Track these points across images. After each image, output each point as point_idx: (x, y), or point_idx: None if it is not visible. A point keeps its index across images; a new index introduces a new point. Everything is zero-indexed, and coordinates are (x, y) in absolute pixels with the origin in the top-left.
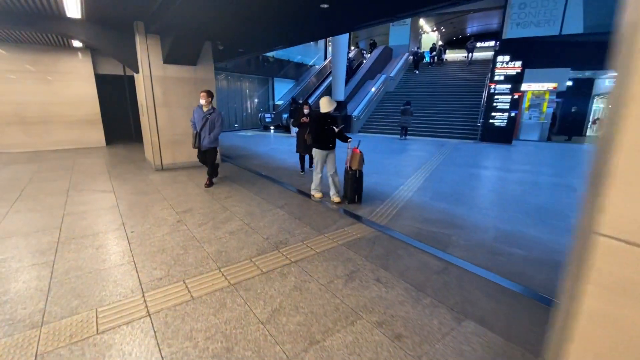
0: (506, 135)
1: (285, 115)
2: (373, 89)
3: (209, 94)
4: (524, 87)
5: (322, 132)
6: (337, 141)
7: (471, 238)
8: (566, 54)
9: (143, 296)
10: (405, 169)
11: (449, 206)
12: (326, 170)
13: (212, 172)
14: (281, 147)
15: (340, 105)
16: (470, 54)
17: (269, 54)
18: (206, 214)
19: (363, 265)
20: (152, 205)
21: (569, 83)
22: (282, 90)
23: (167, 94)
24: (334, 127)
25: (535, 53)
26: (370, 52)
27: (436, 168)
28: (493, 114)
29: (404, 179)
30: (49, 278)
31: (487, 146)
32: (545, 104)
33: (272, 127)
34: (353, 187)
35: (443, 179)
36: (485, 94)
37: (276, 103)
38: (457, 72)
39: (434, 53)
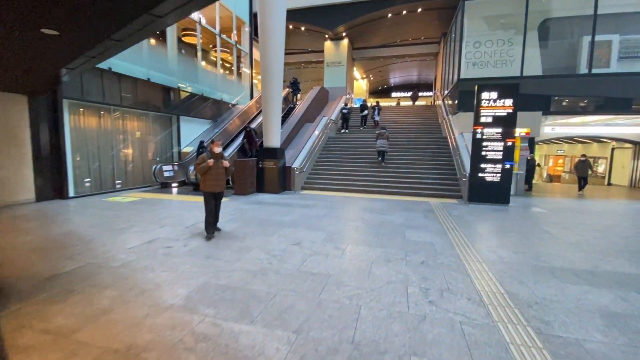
0: (502, 193)
1: (192, 168)
2: (316, 132)
3: None
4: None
5: None
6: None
7: None
8: (533, 97)
9: None
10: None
11: None
12: None
13: None
14: (177, 233)
15: (276, 154)
16: (413, 103)
17: (170, 84)
18: None
19: None
20: None
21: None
22: (194, 132)
23: None
24: None
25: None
26: (292, 91)
27: (532, 294)
28: (482, 165)
29: None
30: None
31: (488, 209)
32: (518, 152)
33: (175, 185)
34: None
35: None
36: (452, 138)
37: (183, 150)
38: (400, 116)
39: (366, 112)
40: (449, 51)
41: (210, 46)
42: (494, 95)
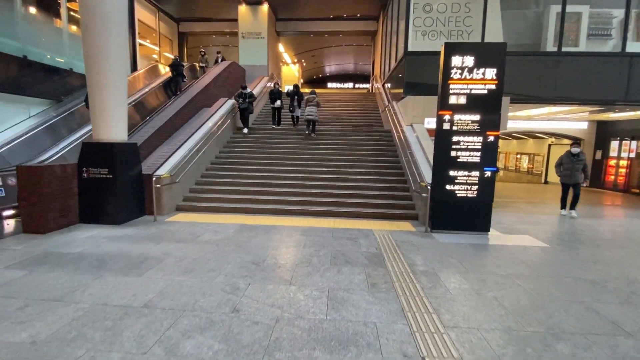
0: (480, 214)
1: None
2: (212, 121)
3: None
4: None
5: None
6: None
7: None
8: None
9: None
10: None
11: None
12: None
13: None
14: None
15: (113, 155)
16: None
17: None
18: None
19: None
20: None
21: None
22: (7, 119)
23: None
24: None
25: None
26: (175, 75)
27: None
28: (451, 173)
29: None
30: None
31: (466, 248)
32: None
33: (8, 214)
34: None
35: None
36: (400, 133)
37: None
38: (331, 105)
39: (279, 103)
40: (391, 24)
41: None
42: (469, 61)
